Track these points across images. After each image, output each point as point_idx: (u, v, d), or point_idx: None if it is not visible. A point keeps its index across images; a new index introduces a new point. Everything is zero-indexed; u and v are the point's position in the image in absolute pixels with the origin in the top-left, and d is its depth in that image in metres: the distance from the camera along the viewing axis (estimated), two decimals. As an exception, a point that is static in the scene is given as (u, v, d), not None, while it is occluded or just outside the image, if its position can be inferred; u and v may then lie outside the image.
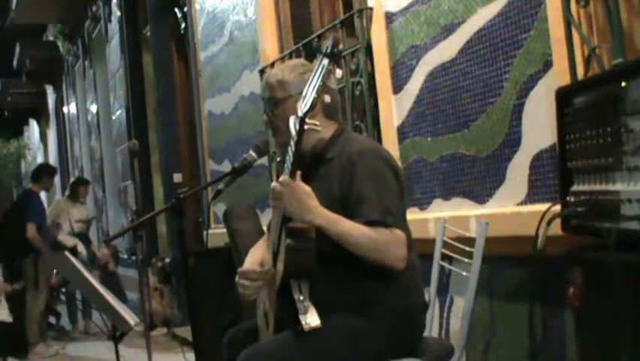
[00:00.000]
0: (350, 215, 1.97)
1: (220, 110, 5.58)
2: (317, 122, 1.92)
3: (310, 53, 3.83)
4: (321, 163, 2.05)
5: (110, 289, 3.45)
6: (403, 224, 2.04)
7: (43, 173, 6.84)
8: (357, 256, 1.95)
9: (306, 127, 1.89)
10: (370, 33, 3.41)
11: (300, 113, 1.87)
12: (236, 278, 2.19)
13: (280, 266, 2.01)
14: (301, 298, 1.94)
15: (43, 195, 7.12)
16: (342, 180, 2.00)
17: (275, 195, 1.98)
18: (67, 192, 7.60)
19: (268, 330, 2.15)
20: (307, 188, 1.95)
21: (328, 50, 1.85)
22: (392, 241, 1.93)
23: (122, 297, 6.24)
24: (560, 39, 2.28)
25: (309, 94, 1.86)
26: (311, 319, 1.92)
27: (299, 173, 1.95)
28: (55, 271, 6.39)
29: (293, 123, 1.90)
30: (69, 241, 6.96)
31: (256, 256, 2.33)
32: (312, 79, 1.86)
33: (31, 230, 6.19)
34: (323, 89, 1.88)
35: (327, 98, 2.02)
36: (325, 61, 1.85)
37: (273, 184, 1.98)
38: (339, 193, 2.01)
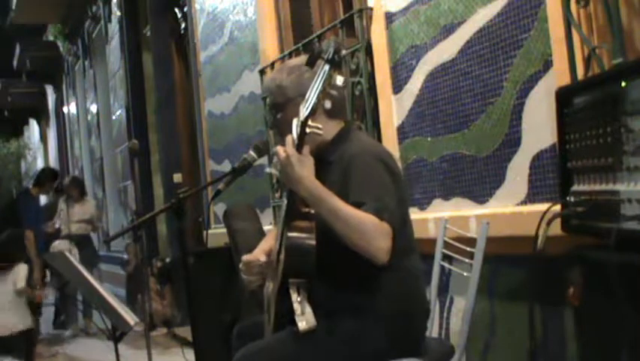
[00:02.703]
0: None
1: (220, 110, 5.58)
2: (319, 125, 1.91)
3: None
4: (323, 166, 2.04)
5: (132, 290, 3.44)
6: (402, 228, 2.01)
7: (47, 179, 6.89)
8: (356, 259, 1.92)
9: (308, 130, 1.88)
10: (370, 33, 3.40)
11: (301, 118, 1.87)
12: (240, 266, 2.26)
13: (281, 264, 2.01)
14: (299, 298, 1.94)
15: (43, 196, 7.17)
16: (341, 185, 1.98)
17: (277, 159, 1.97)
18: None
19: (269, 325, 2.16)
20: (306, 158, 1.92)
21: (329, 56, 1.84)
22: (379, 230, 1.87)
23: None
24: (560, 39, 2.28)
25: (311, 98, 1.86)
26: (307, 320, 1.92)
27: (307, 148, 1.92)
28: (37, 286, 6.39)
29: (295, 127, 1.90)
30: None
31: (267, 245, 2.35)
32: (314, 84, 1.86)
33: (29, 236, 6.17)
34: (324, 94, 1.88)
35: (328, 104, 2.01)
36: (326, 67, 1.84)
37: (277, 148, 1.96)
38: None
